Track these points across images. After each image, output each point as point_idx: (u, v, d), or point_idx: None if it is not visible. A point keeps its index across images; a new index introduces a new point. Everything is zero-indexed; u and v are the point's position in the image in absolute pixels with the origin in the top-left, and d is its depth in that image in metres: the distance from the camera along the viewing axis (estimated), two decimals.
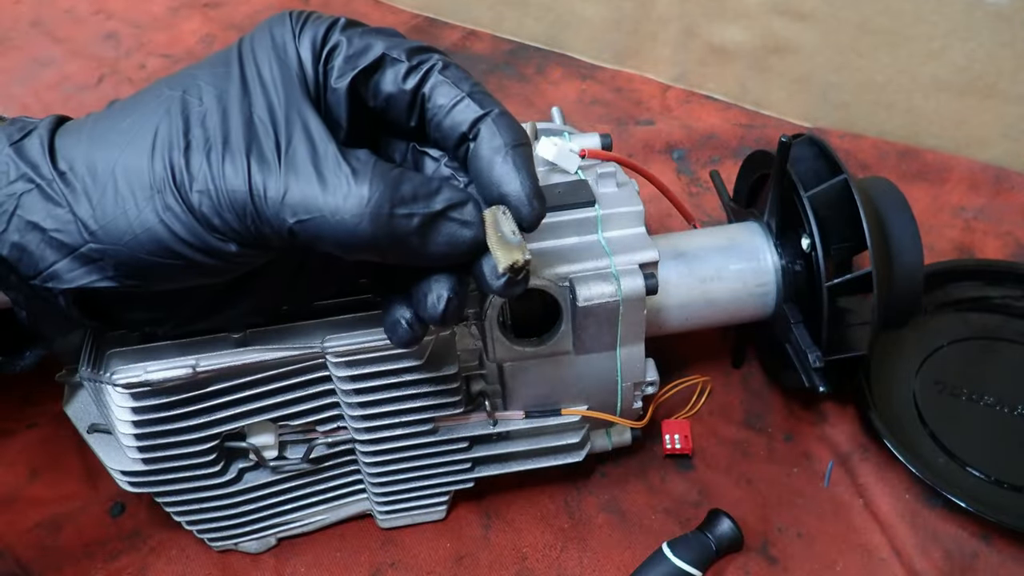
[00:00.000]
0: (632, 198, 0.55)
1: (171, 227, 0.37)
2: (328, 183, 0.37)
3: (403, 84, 0.40)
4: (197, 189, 0.37)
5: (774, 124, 0.93)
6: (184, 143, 0.37)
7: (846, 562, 0.59)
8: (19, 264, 0.39)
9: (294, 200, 0.36)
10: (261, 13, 1.14)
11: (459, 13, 1.11)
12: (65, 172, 0.38)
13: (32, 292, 0.40)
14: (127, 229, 0.37)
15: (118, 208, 0.37)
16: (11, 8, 1.16)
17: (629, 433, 0.62)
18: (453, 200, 0.38)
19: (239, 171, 0.37)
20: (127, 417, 0.49)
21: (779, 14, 0.88)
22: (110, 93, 1.02)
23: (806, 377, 0.59)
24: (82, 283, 0.39)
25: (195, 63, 0.41)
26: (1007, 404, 0.65)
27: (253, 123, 0.38)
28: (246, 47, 0.40)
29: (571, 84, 1.01)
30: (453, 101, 0.40)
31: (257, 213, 0.37)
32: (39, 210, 0.38)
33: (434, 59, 0.41)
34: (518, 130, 0.41)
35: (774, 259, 0.62)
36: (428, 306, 0.41)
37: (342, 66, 0.40)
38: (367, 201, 0.36)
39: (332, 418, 0.54)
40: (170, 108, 0.38)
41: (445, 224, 0.38)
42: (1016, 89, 0.80)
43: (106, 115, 0.40)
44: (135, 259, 0.38)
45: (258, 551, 0.60)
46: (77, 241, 0.38)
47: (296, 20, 0.40)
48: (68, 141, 0.39)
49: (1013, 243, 0.80)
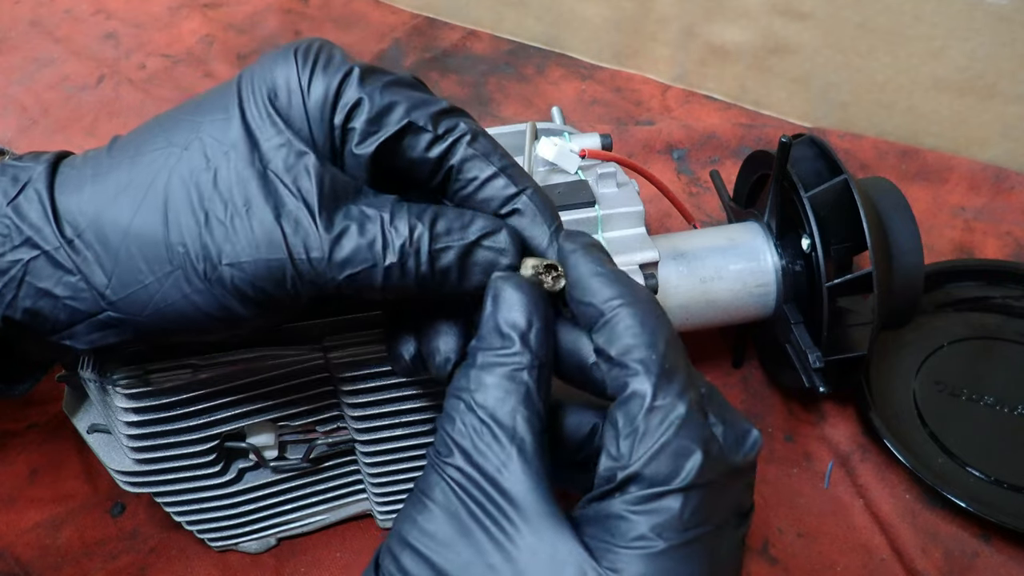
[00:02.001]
0: (632, 198, 0.55)
1: (196, 303, 0.37)
2: (368, 232, 0.36)
3: (427, 153, 0.39)
4: (227, 263, 0.36)
5: (774, 124, 0.93)
6: (203, 214, 0.36)
7: (846, 562, 0.59)
8: (33, 326, 0.38)
9: (341, 256, 0.36)
10: (260, 13, 1.14)
11: (459, 13, 1.11)
12: (73, 240, 0.37)
13: (46, 344, 0.40)
14: (147, 302, 0.37)
15: (136, 282, 0.37)
16: (10, 8, 1.16)
17: None
18: (486, 229, 0.38)
19: (272, 237, 0.35)
20: (127, 418, 0.48)
21: (779, 14, 0.88)
22: (110, 93, 1.02)
23: (806, 377, 0.59)
24: (101, 344, 0.39)
25: (192, 103, 0.39)
26: (1007, 404, 0.65)
27: (269, 179, 0.36)
28: (246, 91, 0.38)
29: (571, 84, 1.01)
30: (485, 176, 0.39)
31: (299, 275, 0.36)
32: (49, 277, 0.37)
33: (461, 128, 0.39)
34: (554, 208, 0.40)
35: (774, 259, 0.62)
36: (437, 364, 0.41)
37: (364, 130, 0.38)
38: (409, 241, 0.36)
39: (332, 418, 0.54)
40: (176, 169, 0.37)
41: (480, 253, 0.38)
42: (1016, 89, 0.80)
43: (107, 165, 0.38)
44: (156, 326, 0.38)
45: (258, 551, 0.60)
46: (94, 308, 0.37)
47: (304, 61, 0.38)
48: (71, 200, 0.37)
49: (1013, 243, 0.80)
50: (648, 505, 0.33)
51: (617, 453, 0.34)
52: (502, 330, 0.36)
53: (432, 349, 0.41)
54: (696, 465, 0.33)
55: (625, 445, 0.34)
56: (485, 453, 0.34)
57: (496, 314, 0.36)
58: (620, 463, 0.34)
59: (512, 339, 0.36)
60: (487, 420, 0.34)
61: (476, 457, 0.34)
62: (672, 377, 0.34)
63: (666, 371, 0.34)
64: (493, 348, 0.36)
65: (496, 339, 0.36)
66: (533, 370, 0.35)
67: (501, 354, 0.35)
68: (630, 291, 0.36)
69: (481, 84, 1.02)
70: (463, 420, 0.35)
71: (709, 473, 0.33)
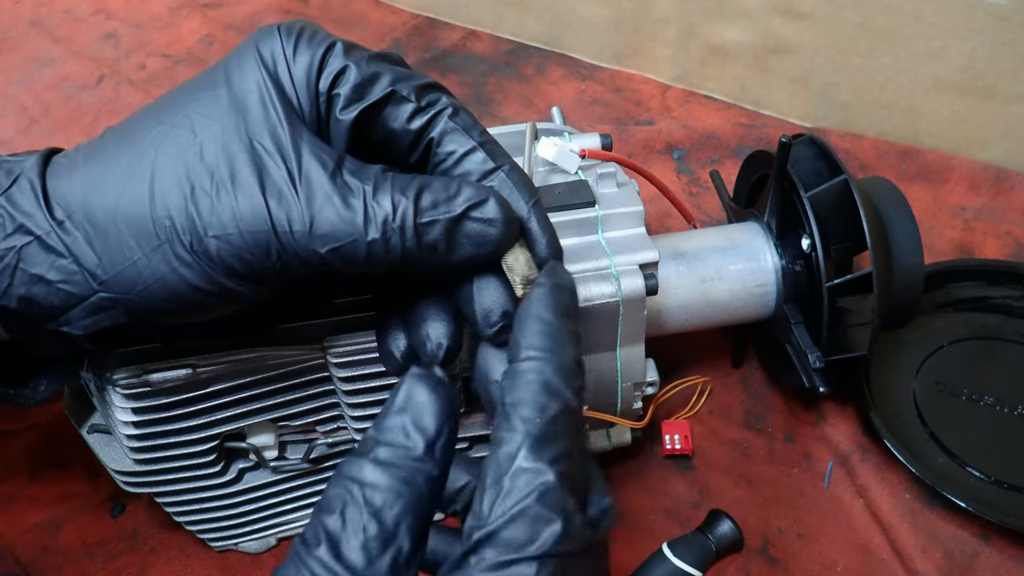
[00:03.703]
0: (632, 198, 0.55)
1: (185, 277, 0.37)
2: (351, 205, 0.36)
3: (408, 124, 0.39)
4: (213, 235, 0.36)
5: (774, 124, 0.93)
6: (188, 187, 0.36)
7: (846, 562, 0.59)
8: (29, 314, 0.38)
9: (322, 230, 0.36)
10: (261, 13, 1.14)
11: (459, 13, 1.11)
12: (64, 221, 0.37)
13: (44, 333, 0.40)
14: (137, 279, 0.37)
15: (125, 259, 0.37)
16: (10, 8, 1.16)
17: (629, 433, 0.62)
18: (473, 199, 0.37)
19: (257, 210, 0.35)
20: (127, 418, 0.48)
21: (779, 14, 0.88)
22: (110, 93, 1.02)
23: (806, 377, 0.60)
24: (96, 328, 0.39)
25: (180, 87, 0.40)
26: (1007, 404, 0.65)
27: (256, 151, 0.36)
28: (232, 66, 0.38)
29: (571, 84, 1.01)
30: (464, 150, 0.39)
31: (283, 248, 0.36)
32: (41, 262, 0.37)
33: (443, 102, 0.40)
34: (531, 185, 0.40)
35: (774, 259, 0.62)
36: (429, 351, 0.41)
37: (349, 96, 0.38)
38: (392, 215, 0.36)
39: (332, 418, 0.54)
40: (163, 146, 0.37)
41: (468, 225, 0.38)
42: (1016, 89, 0.80)
43: (97, 151, 0.39)
44: (149, 304, 0.38)
45: (258, 551, 0.60)
46: (86, 291, 0.37)
47: (287, 36, 0.38)
48: (61, 185, 0.38)
49: (1013, 243, 0.80)
50: (502, 572, 0.31)
51: (479, 510, 0.32)
52: (408, 431, 0.33)
53: (422, 337, 0.41)
54: (555, 535, 0.31)
55: (487, 500, 0.32)
56: None
57: (405, 413, 0.33)
58: (480, 522, 0.32)
59: (417, 444, 0.32)
60: (369, 519, 0.31)
61: (346, 554, 0.31)
62: (550, 445, 0.32)
63: (546, 437, 0.32)
64: (394, 446, 0.32)
65: (400, 437, 0.33)
66: (431, 480, 0.32)
67: (402, 456, 0.32)
68: (557, 352, 0.34)
69: (481, 84, 1.02)
70: (344, 513, 0.31)
71: (567, 544, 0.31)
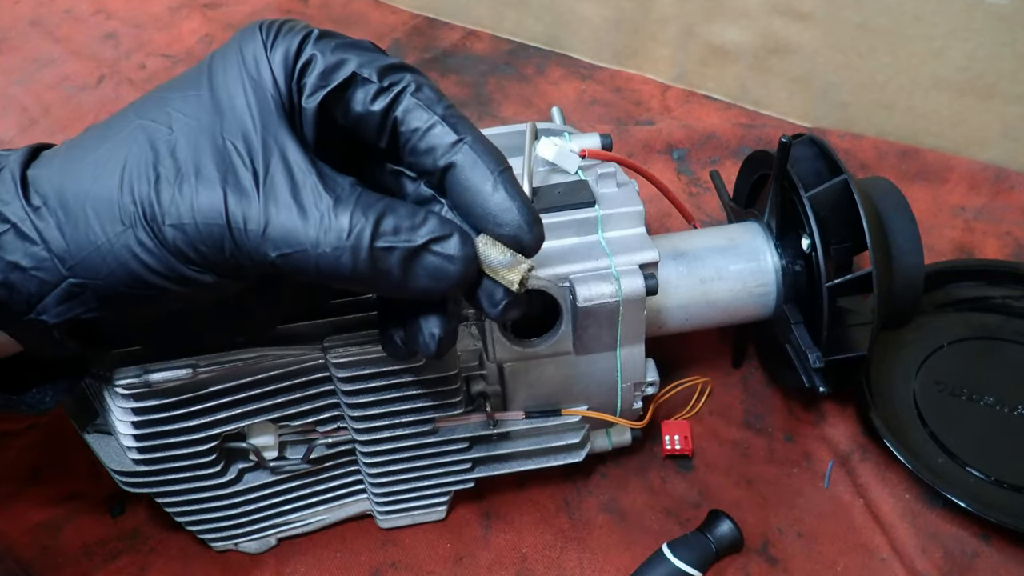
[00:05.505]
0: (632, 198, 0.55)
1: (144, 261, 0.37)
2: (309, 215, 0.36)
3: (371, 105, 0.39)
4: (170, 223, 0.36)
5: (774, 124, 0.93)
6: (154, 175, 0.36)
7: (846, 562, 0.59)
8: (10, 302, 0.38)
9: (275, 234, 0.36)
10: (261, 13, 1.14)
11: (459, 13, 1.11)
12: (40, 208, 0.37)
13: (28, 327, 0.40)
14: (102, 264, 0.37)
15: (90, 243, 0.37)
16: (10, 8, 1.16)
17: (629, 433, 0.62)
18: (436, 233, 0.37)
19: (215, 203, 0.36)
20: (127, 418, 0.48)
21: (779, 14, 0.88)
22: (110, 93, 1.02)
23: (806, 377, 0.59)
24: (68, 316, 0.39)
25: (165, 84, 0.40)
26: (1007, 404, 0.65)
27: (226, 151, 0.36)
28: (216, 66, 0.38)
29: (571, 84, 1.01)
30: (427, 125, 0.39)
31: (236, 246, 0.36)
32: (17, 249, 0.37)
33: (406, 80, 0.39)
34: (498, 154, 0.39)
35: (774, 259, 0.62)
36: (421, 344, 0.41)
37: (314, 83, 0.38)
38: (347, 234, 0.36)
39: (332, 418, 0.54)
40: (138, 138, 0.37)
41: (427, 258, 0.37)
42: (1016, 89, 0.80)
43: (78, 143, 0.39)
44: (114, 291, 0.38)
45: (258, 551, 0.60)
46: (56, 277, 0.38)
47: (267, 33, 0.38)
48: (41, 173, 0.38)
49: (1013, 243, 0.80)
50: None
51: None
52: None
53: (415, 329, 0.41)
54: None
55: None
56: None
57: None
58: None
59: None
60: None
61: None
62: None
63: None
64: None
65: None
66: None
67: None
68: None
69: (481, 84, 1.02)
70: None
71: None
